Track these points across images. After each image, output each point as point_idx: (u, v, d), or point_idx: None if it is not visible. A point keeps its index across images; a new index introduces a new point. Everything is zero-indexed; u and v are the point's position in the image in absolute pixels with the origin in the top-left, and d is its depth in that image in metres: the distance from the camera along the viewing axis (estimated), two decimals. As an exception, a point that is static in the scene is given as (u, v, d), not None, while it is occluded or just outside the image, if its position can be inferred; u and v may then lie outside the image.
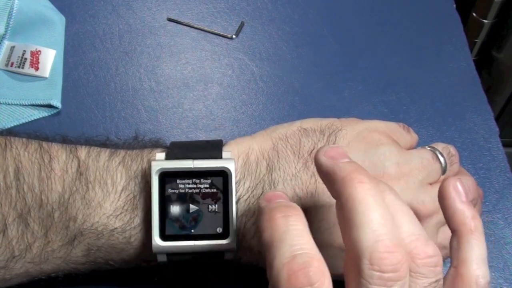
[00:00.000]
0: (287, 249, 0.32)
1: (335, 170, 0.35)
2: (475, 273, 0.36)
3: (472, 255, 0.37)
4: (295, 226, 0.33)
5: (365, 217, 0.32)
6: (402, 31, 0.67)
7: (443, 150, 0.47)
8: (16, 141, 0.42)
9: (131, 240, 0.42)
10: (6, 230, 0.40)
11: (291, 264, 0.31)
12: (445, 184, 0.39)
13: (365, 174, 0.34)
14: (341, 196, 0.34)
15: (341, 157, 0.36)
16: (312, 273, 0.31)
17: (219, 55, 0.64)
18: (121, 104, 0.60)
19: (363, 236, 0.32)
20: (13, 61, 0.60)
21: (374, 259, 0.31)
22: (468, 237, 0.37)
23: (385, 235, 0.32)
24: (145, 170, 0.42)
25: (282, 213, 0.34)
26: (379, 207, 0.33)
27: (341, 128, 0.45)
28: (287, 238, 0.33)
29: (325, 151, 0.36)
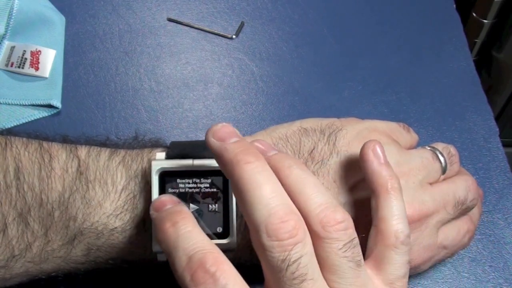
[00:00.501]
0: (182, 254, 0.34)
1: (223, 153, 0.37)
2: (394, 228, 0.39)
3: (390, 212, 0.39)
4: (184, 230, 0.35)
5: (255, 194, 0.35)
6: (402, 31, 0.67)
7: (443, 150, 0.47)
8: (16, 141, 0.42)
9: (131, 240, 0.42)
10: (6, 230, 0.40)
11: (189, 266, 0.34)
12: (364, 146, 0.41)
13: (252, 153, 0.36)
14: (232, 178, 0.36)
15: (229, 137, 0.37)
16: (209, 265, 0.33)
17: (219, 55, 0.64)
18: (121, 104, 0.60)
19: (256, 213, 0.34)
20: (13, 61, 0.60)
21: (270, 231, 0.34)
22: (386, 196, 0.40)
23: (277, 207, 0.34)
24: (145, 169, 0.42)
25: (170, 222, 0.36)
26: (268, 182, 0.35)
27: (341, 128, 0.45)
28: (179, 244, 0.35)
29: (214, 131, 0.37)
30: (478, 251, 0.52)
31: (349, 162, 0.44)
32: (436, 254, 0.45)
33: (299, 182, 0.37)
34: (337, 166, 0.44)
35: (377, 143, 0.41)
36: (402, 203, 0.40)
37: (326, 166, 0.44)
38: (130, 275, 0.47)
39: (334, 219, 0.36)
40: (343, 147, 0.44)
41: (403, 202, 0.40)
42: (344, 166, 0.44)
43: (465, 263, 0.51)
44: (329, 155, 0.44)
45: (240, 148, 0.36)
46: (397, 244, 0.38)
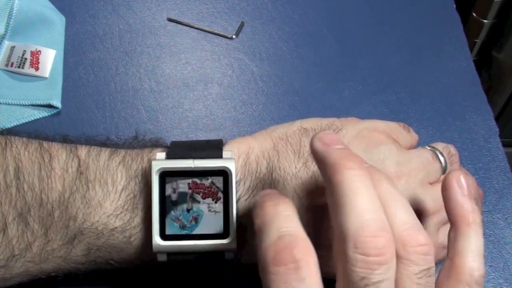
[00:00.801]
0: (274, 232, 0.33)
1: (327, 156, 0.36)
2: (470, 265, 0.37)
3: (468, 247, 0.37)
4: (283, 212, 0.35)
5: (352, 202, 0.33)
6: (402, 31, 0.67)
7: (443, 149, 0.47)
8: (16, 140, 0.42)
9: (131, 240, 0.42)
10: (6, 229, 0.40)
11: (277, 244, 0.32)
12: (449, 176, 0.39)
13: (356, 160, 0.35)
14: (331, 182, 0.35)
15: (335, 143, 0.36)
16: (297, 251, 0.32)
17: (219, 55, 0.64)
18: (121, 104, 0.60)
19: (348, 221, 0.33)
20: (13, 61, 0.60)
21: (358, 243, 0.32)
22: (466, 230, 0.38)
23: (371, 220, 0.32)
24: (145, 169, 0.42)
25: (272, 202, 0.35)
26: (367, 193, 0.33)
27: (341, 128, 0.45)
28: (275, 222, 0.34)
29: (320, 137, 0.37)
30: (478, 251, 0.52)
31: None
32: (436, 254, 0.45)
33: (387, 197, 0.36)
34: None
35: (462, 173, 0.40)
36: (481, 240, 0.38)
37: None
38: (130, 275, 0.47)
39: (416, 240, 0.34)
40: None
41: (482, 239, 0.38)
42: None
43: (465, 263, 0.51)
44: (329, 154, 0.44)
45: (345, 154, 0.35)
46: (471, 283, 0.36)
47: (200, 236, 0.41)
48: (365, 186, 0.34)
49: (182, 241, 0.41)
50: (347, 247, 0.32)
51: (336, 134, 0.37)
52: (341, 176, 0.34)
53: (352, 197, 0.33)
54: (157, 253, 0.41)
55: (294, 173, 0.43)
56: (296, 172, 0.43)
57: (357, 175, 0.34)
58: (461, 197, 0.39)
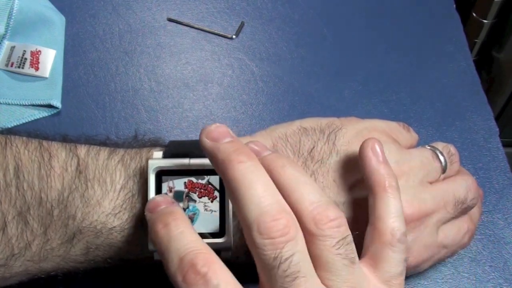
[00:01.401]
0: (174, 256, 0.35)
1: (216, 153, 0.37)
2: (390, 226, 0.39)
3: (386, 210, 0.39)
4: (176, 232, 0.36)
5: (247, 193, 0.35)
6: (402, 31, 0.67)
7: (443, 149, 0.47)
8: (16, 140, 0.42)
9: (129, 239, 0.42)
10: (5, 228, 0.40)
11: (181, 268, 0.34)
12: (363, 145, 0.41)
13: (244, 153, 0.37)
14: (225, 178, 0.36)
15: (223, 137, 0.38)
16: (200, 266, 0.33)
17: (219, 55, 0.64)
18: (121, 104, 0.60)
19: (248, 211, 0.35)
20: (13, 61, 0.61)
21: (262, 229, 0.34)
22: (383, 194, 0.40)
23: (268, 206, 0.35)
24: (144, 168, 0.43)
25: (162, 223, 0.37)
26: (259, 181, 0.35)
27: (341, 127, 0.45)
28: (171, 246, 0.35)
29: (207, 132, 0.38)
30: (478, 251, 0.52)
31: (349, 161, 0.44)
32: (436, 254, 0.45)
33: (292, 181, 0.37)
34: (337, 165, 0.44)
35: (376, 141, 0.41)
36: (399, 202, 0.40)
37: (325, 165, 0.44)
38: (129, 274, 0.47)
39: (326, 216, 0.36)
40: (342, 146, 0.44)
41: (400, 201, 0.40)
42: (344, 165, 0.44)
43: (465, 263, 0.51)
44: (329, 154, 0.44)
45: (233, 148, 0.37)
46: (394, 242, 0.38)
47: None
48: (257, 176, 0.36)
49: None
50: (253, 235, 0.34)
51: (222, 126, 0.38)
52: (232, 171, 0.36)
53: (246, 189, 0.35)
54: (153, 252, 0.41)
55: (293, 173, 0.43)
56: (296, 172, 0.43)
57: (247, 167, 0.36)
58: (376, 163, 0.41)
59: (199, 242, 0.35)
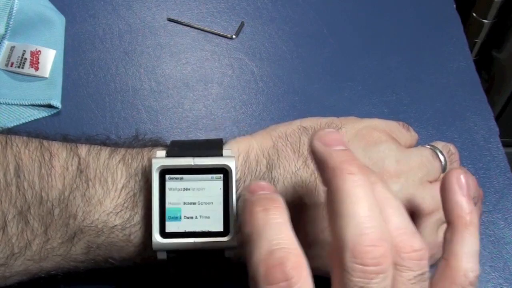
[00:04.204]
0: (265, 244, 0.32)
1: (327, 158, 0.35)
2: (464, 266, 0.36)
3: (463, 248, 0.37)
4: (274, 220, 0.33)
5: (352, 209, 0.32)
6: (402, 31, 0.67)
7: (443, 148, 0.47)
8: (16, 139, 0.42)
9: (131, 238, 0.42)
10: (6, 227, 0.40)
11: (268, 260, 0.32)
12: (449, 175, 0.39)
13: (357, 164, 0.34)
14: (330, 186, 0.34)
15: (335, 143, 0.35)
16: (289, 268, 0.31)
17: (219, 55, 0.64)
18: (121, 104, 0.60)
19: (347, 228, 0.32)
20: (13, 61, 0.60)
21: (356, 252, 0.31)
22: (462, 231, 0.37)
23: (370, 229, 0.32)
24: (145, 168, 0.43)
25: (261, 207, 0.34)
26: (367, 199, 0.33)
27: (340, 127, 0.46)
28: (265, 232, 0.33)
29: (320, 136, 0.36)
30: (478, 251, 0.52)
31: None
32: (437, 253, 0.45)
33: (381, 200, 0.35)
34: None
35: (462, 173, 0.39)
36: (477, 242, 0.37)
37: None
38: (130, 274, 0.47)
39: (411, 246, 0.34)
40: None
41: (478, 241, 0.38)
42: None
43: (465, 263, 0.51)
44: (329, 153, 0.44)
45: (346, 157, 0.35)
46: (465, 284, 0.36)
47: (200, 234, 0.41)
48: (365, 193, 0.33)
49: (182, 239, 0.41)
50: (344, 255, 0.32)
51: (337, 133, 0.36)
52: (341, 181, 0.33)
53: (352, 204, 0.33)
54: (157, 251, 0.41)
55: (293, 172, 0.43)
56: (296, 171, 0.43)
57: (357, 180, 0.33)
58: (460, 197, 0.38)
59: (295, 241, 0.33)
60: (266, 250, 0.32)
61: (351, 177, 0.33)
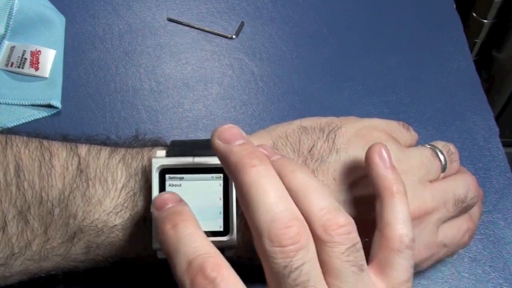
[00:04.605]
0: (182, 258, 0.34)
1: (228, 155, 0.36)
2: (398, 232, 0.38)
3: (395, 216, 0.39)
4: (185, 233, 0.35)
5: (259, 199, 0.34)
6: (402, 31, 0.67)
7: (443, 148, 0.47)
8: (16, 139, 0.42)
9: (131, 238, 0.42)
10: (6, 227, 0.40)
11: (189, 271, 0.33)
12: (370, 149, 0.41)
13: (257, 156, 0.36)
14: (236, 181, 0.36)
15: (235, 139, 0.37)
16: (209, 270, 0.33)
17: (219, 55, 0.64)
18: (121, 104, 0.60)
19: (259, 218, 0.34)
20: (13, 61, 0.60)
21: (272, 236, 0.33)
22: (391, 200, 0.39)
23: (280, 213, 0.34)
24: (145, 167, 0.43)
25: (170, 224, 0.36)
26: (272, 187, 0.35)
27: (340, 126, 0.46)
28: (180, 247, 0.34)
29: (219, 133, 0.37)
30: (478, 251, 0.52)
31: (349, 160, 0.44)
32: (436, 253, 0.45)
33: (302, 186, 0.36)
34: (337, 164, 0.44)
35: (383, 146, 0.41)
36: (407, 207, 0.39)
37: (325, 163, 0.44)
38: (130, 274, 0.47)
39: (336, 223, 0.35)
40: (342, 145, 0.44)
41: (408, 206, 0.39)
42: (344, 164, 0.44)
43: (465, 263, 0.51)
44: (329, 153, 0.44)
45: (246, 150, 0.36)
46: (402, 249, 0.38)
47: None
48: (270, 181, 0.35)
49: None
50: (264, 242, 0.33)
51: (234, 127, 0.38)
52: (244, 175, 0.35)
53: (258, 194, 0.34)
54: (156, 251, 0.41)
55: (294, 171, 0.43)
56: (296, 170, 0.43)
57: (260, 171, 0.35)
58: (383, 170, 0.40)
59: (208, 245, 0.35)
60: (185, 263, 0.34)
61: (253, 170, 0.35)
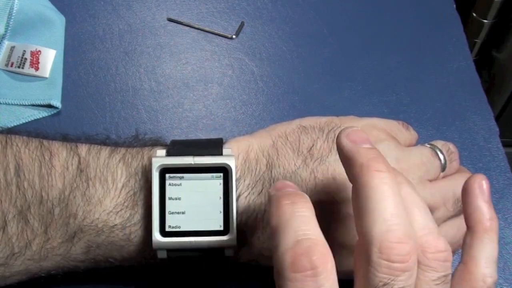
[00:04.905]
0: (292, 235, 0.32)
1: (355, 155, 0.35)
2: (483, 271, 0.37)
3: (483, 253, 0.37)
4: (301, 213, 0.34)
5: (379, 205, 0.33)
6: (402, 31, 0.67)
7: (443, 147, 0.47)
8: (16, 139, 0.42)
9: (131, 237, 0.42)
10: (6, 227, 0.40)
11: (295, 249, 0.32)
12: (471, 180, 0.39)
13: (384, 163, 0.34)
14: (357, 182, 0.34)
15: (362, 141, 0.36)
16: (315, 257, 0.31)
17: (219, 55, 0.65)
18: (121, 104, 0.60)
19: (375, 225, 0.32)
20: (13, 61, 0.61)
21: (383, 248, 0.31)
22: (482, 236, 0.38)
23: (397, 225, 0.32)
24: (145, 167, 0.43)
25: (289, 200, 0.34)
26: (394, 197, 0.33)
27: (340, 126, 0.45)
28: (292, 224, 0.33)
29: (348, 133, 0.36)
30: (478, 250, 0.52)
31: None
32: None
33: (408, 200, 0.35)
34: (336, 163, 0.44)
35: (484, 179, 0.39)
36: (496, 248, 0.38)
37: (325, 163, 0.44)
38: (130, 274, 0.47)
39: (436, 246, 0.34)
40: None
41: (497, 247, 0.38)
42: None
43: (465, 263, 0.51)
44: (328, 152, 0.44)
45: (374, 155, 0.35)
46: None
47: (200, 232, 0.41)
48: (392, 190, 0.33)
49: (182, 238, 0.41)
50: (371, 251, 0.32)
51: (363, 132, 0.37)
52: (369, 178, 0.34)
53: (379, 200, 0.33)
54: (157, 250, 0.41)
55: (293, 171, 0.43)
56: (296, 170, 0.43)
57: (384, 177, 0.34)
58: (481, 203, 0.38)
59: (321, 234, 0.33)
60: (293, 240, 0.32)
61: (378, 174, 0.34)
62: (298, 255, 0.31)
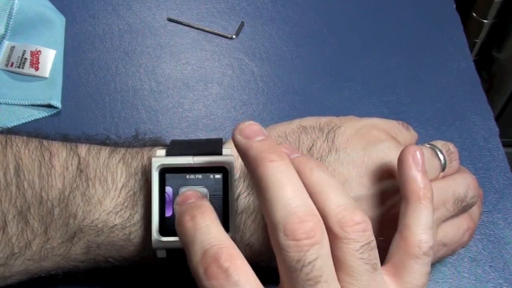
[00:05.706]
0: (198, 248, 0.34)
1: (249, 151, 0.36)
2: (418, 237, 0.38)
3: (417, 220, 0.39)
4: (202, 224, 0.35)
5: (276, 194, 0.34)
6: (402, 31, 0.67)
7: (442, 147, 0.47)
8: (16, 139, 0.42)
9: (131, 237, 0.42)
10: (5, 227, 0.40)
11: (204, 260, 0.33)
12: (405, 151, 0.41)
13: (277, 152, 0.36)
14: (254, 176, 0.36)
15: (255, 135, 0.37)
16: (223, 260, 0.33)
17: (219, 55, 0.65)
18: (121, 104, 0.60)
19: (276, 211, 0.34)
20: (13, 61, 0.61)
21: (287, 230, 0.33)
22: (416, 204, 0.39)
23: (296, 207, 0.34)
24: (145, 167, 0.43)
25: (189, 216, 0.36)
26: (289, 182, 0.35)
27: (340, 125, 0.46)
28: (196, 238, 0.35)
29: (240, 129, 0.38)
30: (478, 251, 0.52)
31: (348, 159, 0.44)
32: (436, 252, 0.45)
33: (320, 183, 0.37)
34: (336, 163, 0.44)
35: (418, 149, 0.41)
36: (431, 214, 0.39)
37: (325, 163, 0.44)
38: (130, 274, 0.47)
39: (352, 219, 0.35)
40: (341, 144, 0.44)
41: (432, 214, 0.40)
42: (343, 163, 0.44)
43: (465, 263, 0.51)
44: (328, 152, 0.44)
45: (265, 146, 0.36)
46: (419, 254, 0.38)
47: None
48: (287, 176, 0.35)
49: None
50: (278, 236, 0.34)
51: (256, 124, 0.38)
52: (262, 170, 0.35)
53: (275, 189, 0.34)
54: (156, 249, 0.41)
55: (293, 170, 0.43)
56: (295, 169, 0.43)
57: (278, 166, 0.35)
58: (414, 172, 0.40)
59: (224, 236, 0.35)
60: (200, 252, 0.34)
61: (271, 164, 0.35)
62: (207, 265, 0.33)
